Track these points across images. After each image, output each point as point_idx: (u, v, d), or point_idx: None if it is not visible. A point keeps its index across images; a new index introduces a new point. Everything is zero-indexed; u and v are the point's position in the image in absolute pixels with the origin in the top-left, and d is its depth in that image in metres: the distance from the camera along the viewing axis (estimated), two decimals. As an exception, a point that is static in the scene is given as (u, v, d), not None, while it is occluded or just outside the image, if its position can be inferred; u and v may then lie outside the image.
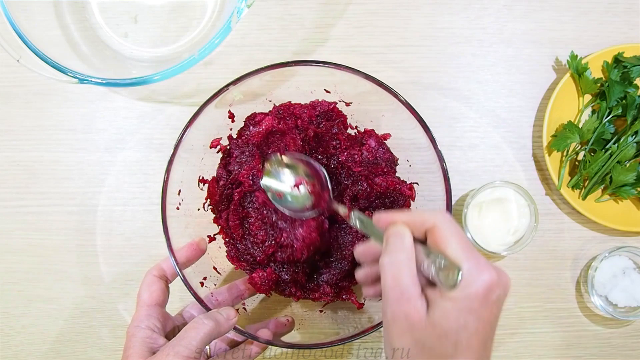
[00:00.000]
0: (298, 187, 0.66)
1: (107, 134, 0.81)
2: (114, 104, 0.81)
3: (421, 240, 0.49)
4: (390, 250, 0.49)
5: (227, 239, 0.71)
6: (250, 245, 0.68)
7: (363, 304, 0.71)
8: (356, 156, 0.69)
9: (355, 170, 0.69)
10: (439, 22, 0.81)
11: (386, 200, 0.70)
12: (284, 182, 0.66)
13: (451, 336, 0.45)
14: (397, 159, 0.73)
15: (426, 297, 0.47)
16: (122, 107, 0.81)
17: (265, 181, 0.66)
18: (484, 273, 0.45)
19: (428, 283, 0.48)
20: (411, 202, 0.71)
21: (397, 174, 0.73)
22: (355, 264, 0.68)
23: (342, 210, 0.62)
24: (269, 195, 0.66)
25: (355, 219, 0.57)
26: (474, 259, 0.46)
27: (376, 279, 0.55)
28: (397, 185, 0.70)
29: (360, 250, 0.58)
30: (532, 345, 0.79)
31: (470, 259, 0.46)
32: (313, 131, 0.69)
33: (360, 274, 0.59)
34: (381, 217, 0.52)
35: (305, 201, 0.66)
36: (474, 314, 0.45)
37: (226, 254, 0.71)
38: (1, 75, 0.81)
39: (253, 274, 0.67)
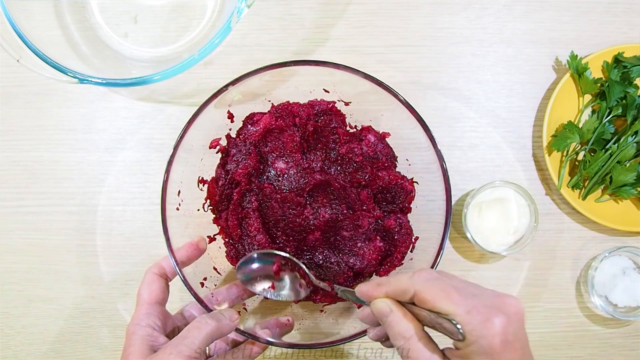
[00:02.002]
0: (279, 276, 0.66)
1: (107, 134, 0.81)
2: (114, 104, 0.81)
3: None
4: (391, 329, 0.48)
5: (226, 239, 0.71)
6: (247, 247, 0.68)
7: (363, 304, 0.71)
8: (356, 149, 0.69)
9: (357, 160, 0.69)
10: (439, 22, 0.81)
11: (388, 195, 0.70)
12: (264, 279, 0.67)
13: None
14: (397, 157, 0.73)
15: (448, 356, 0.47)
16: (122, 107, 0.81)
17: (252, 287, 0.66)
18: (491, 319, 0.44)
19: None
20: (414, 193, 0.72)
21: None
22: (354, 269, 0.69)
23: (323, 285, 0.63)
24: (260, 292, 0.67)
25: (339, 291, 0.59)
26: (474, 308, 0.44)
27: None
28: (399, 180, 0.70)
29: (363, 316, 0.56)
30: (532, 345, 0.78)
31: (469, 311, 0.44)
32: (312, 126, 0.69)
33: (372, 335, 0.58)
34: (362, 291, 0.51)
35: (291, 289, 0.66)
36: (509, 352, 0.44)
37: (225, 254, 0.71)
38: (1, 75, 0.81)
39: None
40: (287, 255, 0.65)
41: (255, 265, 0.66)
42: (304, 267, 0.65)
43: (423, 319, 0.47)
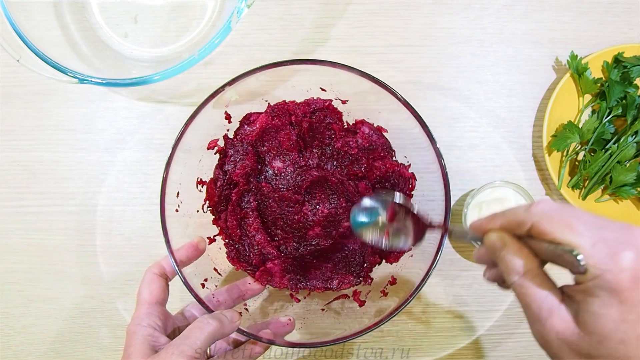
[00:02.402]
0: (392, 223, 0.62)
1: (107, 134, 0.81)
2: (114, 104, 0.81)
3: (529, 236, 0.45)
4: (505, 264, 0.45)
5: (226, 240, 0.71)
6: (247, 248, 0.68)
7: (364, 302, 0.71)
8: (351, 142, 0.69)
9: (353, 152, 0.69)
10: (439, 22, 0.81)
11: (387, 184, 0.70)
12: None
13: (614, 337, 0.40)
14: (394, 150, 0.73)
15: (569, 297, 0.43)
16: (122, 107, 0.81)
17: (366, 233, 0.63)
18: (620, 253, 0.39)
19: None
20: (414, 182, 0.72)
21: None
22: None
23: (437, 223, 0.59)
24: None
25: (453, 230, 0.55)
26: (600, 240, 0.40)
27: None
28: (396, 168, 0.70)
29: (478, 256, 0.52)
30: (532, 345, 0.79)
31: (595, 243, 0.40)
32: (307, 122, 0.70)
33: (488, 275, 0.53)
34: (475, 225, 0.49)
35: (405, 235, 0.62)
36: (626, 303, 0.39)
37: (226, 254, 0.71)
38: (1, 75, 0.81)
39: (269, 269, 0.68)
40: (400, 200, 0.61)
41: (365, 215, 0.62)
42: (417, 210, 0.61)
43: (541, 252, 0.44)
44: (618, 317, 0.39)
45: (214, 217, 0.72)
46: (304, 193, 0.68)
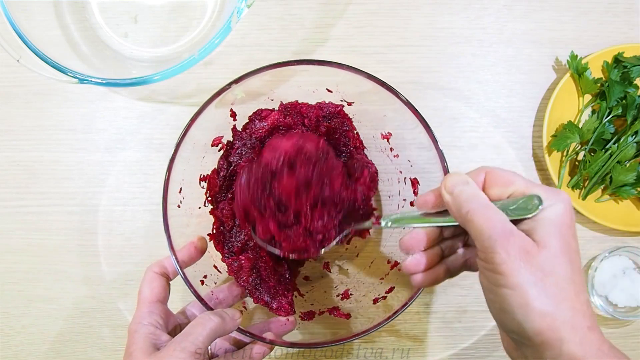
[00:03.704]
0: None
1: (107, 134, 0.81)
2: (114, 104, 0.81)
3: None
4: (464, 195, 0.49)
5: (219, 228, 0.71)
6: (234, 235, 0.68)
7: (349, 315, 0.72)
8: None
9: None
10: (439, 22, 0.81)
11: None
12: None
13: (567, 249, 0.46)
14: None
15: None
16: (122, 107, 0.81)
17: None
18: (559, 192, 0.48)
19: None
20: (417, 187, 0.72)
21: (387, 171, 0.74)
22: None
23: (368, 224, 0.60)
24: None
25: (388, 222, 0.56)
26: (539, 187, 0.48)
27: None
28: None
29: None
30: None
31: (537, 187, 0.48)
32: (325, 127, 0.69)
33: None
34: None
35: None
36: (569, 229, 0.47)
37: (211, 235, 0.70)
38: (1, 75, 0.81)
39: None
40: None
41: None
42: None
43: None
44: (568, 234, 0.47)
45: (212, 207, 0.72)
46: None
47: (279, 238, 0.60)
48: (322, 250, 0.61)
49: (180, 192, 0.67)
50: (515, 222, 0.47)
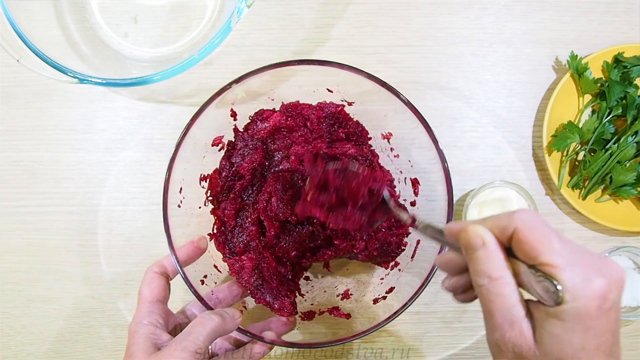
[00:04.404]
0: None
1: (107, 134, 0.81)
2: (114, 104, 0.81)
3: (508, 249, 0.42)
4: (476, 265, 0.42)
5: (220, 228, 0.71)
6: (237, 238, 0.68)
7: (349, 315, 0.72)
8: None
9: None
10: (439, 22, 0.81)
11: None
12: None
13: None
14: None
15: (531, 314, 0.41)
16: (122, 107, 0.81)
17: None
18: (593, 280, 0.38)
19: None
20: (418, 187, 0.71)
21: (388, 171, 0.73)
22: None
23: (405, 216, 0.56)
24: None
25: (420, 226, 0.52)
26: (576, 263, 0.39)
27: (466, 288, 0.49)
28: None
29: (443, 261, 0.50)
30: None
31: (572, 264, 0.38)
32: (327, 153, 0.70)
33: (447, 284, 0.50)
34: (451, 227, 0.45)
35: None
36: (589, 331, 0.38)
37: (214, 237, 0.70)
38: (1, 75, 0.81)
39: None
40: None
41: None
42: (386, 191, 0.59)
43: (518, 275, 0.41)
44: (578, 344, 0.38)
45: (213, 207, 0.72)
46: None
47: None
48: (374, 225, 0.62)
49: (180, 191, 0.67)
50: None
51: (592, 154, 0.78)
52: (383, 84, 0.65)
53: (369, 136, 0.73)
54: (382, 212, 0.60)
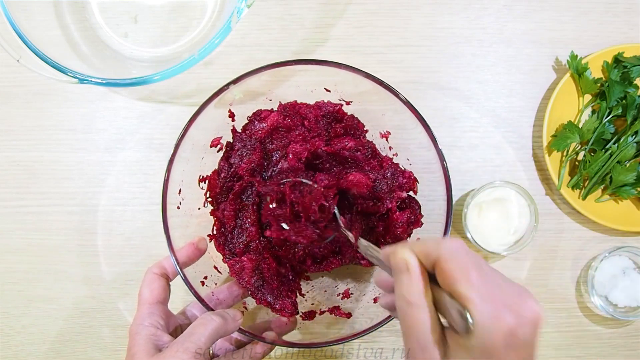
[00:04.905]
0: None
1: (107, 134, 0.81)
2: (114, 104, 0.81)
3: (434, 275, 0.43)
4: (399, 288, 0.43)
5: (220, 229, 0.71)
6: (237, 239, 0.69)
7: (350, 314, 0.72)
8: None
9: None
10: (439, 22, 0.81)
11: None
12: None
13: None
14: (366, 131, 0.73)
15: (446, 342, 0.42)
16: (122, 107, 0.81)
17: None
18: (502, 316, 0.39)
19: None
20: (416, 184, 0.71)
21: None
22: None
23: (350, 237, 0.59)
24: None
25: (361, 245, 0.55)
26: (489, 299, 0.39)
27: None
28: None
29: (379, 280, 0.53)
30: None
31: (484, 299, 0.39)
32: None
33: (382, 302, 0.54)
34: (386, 251, 0.47)
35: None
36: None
37: (214, 239, 0.70)
38: (1, 75, 0.81)
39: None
40: (307, 182, 0.63)
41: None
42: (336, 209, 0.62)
43: (437, 300, 0.43)
44: None
45: (212, 208, 0.72)
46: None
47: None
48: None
49: (179, 193, 0.67)
50: None
51: (592, 154, 0.77)
52: (381, 83, 0.65)
53: (365, 129, 0.73)
54: (332, 229, 0.62)
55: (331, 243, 0.69)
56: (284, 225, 0.63)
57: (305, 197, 0.62)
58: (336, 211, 0.62)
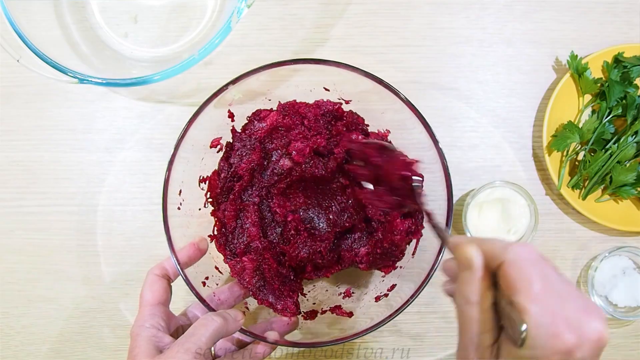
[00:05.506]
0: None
1: (107, 134, 0.81)
2: (114, 104, 0.81)
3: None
4: (460, 285, 0.43)
5: (221, 229, 0.71)
6: (237, 239, 0.69)
7: (352, 314, 0.72)
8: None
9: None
10: (439, 22, 0.81)
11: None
12: None
13: None
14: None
15: (501, 344, 0.41)
16: (122, 107, 0.81)
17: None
18: (561, 335, 0.37)
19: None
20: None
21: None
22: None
23: (430, 211, 0.57)
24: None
25: (438, 229, 0.53)
26: (550, 313, 0.38)
27: None
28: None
29: (446, 267, 0.51)
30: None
31: (543, 314, 0.38)
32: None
33: (446, 288, 0.52)
34: (455, 241, 0.46)
35: None
36: None
37: (215, 239, 0.70)
38: (1, 75, 0.81)
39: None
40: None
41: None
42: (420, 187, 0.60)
43: (498, 301, 0.42)
44: None
45: (213, 208, 0.72)
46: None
47: None
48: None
49: (180, 193, 0.67)
50: None
51: (592, 154, 0.78)
52: (381, 82, 0.64)
53: (365, 123, 0.73)
54: (411, 200, 0.60)
55: (333, 252, 0.70)
56: (369, 185, 0.62)
57: (394, 162, 0.61)
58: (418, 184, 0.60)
